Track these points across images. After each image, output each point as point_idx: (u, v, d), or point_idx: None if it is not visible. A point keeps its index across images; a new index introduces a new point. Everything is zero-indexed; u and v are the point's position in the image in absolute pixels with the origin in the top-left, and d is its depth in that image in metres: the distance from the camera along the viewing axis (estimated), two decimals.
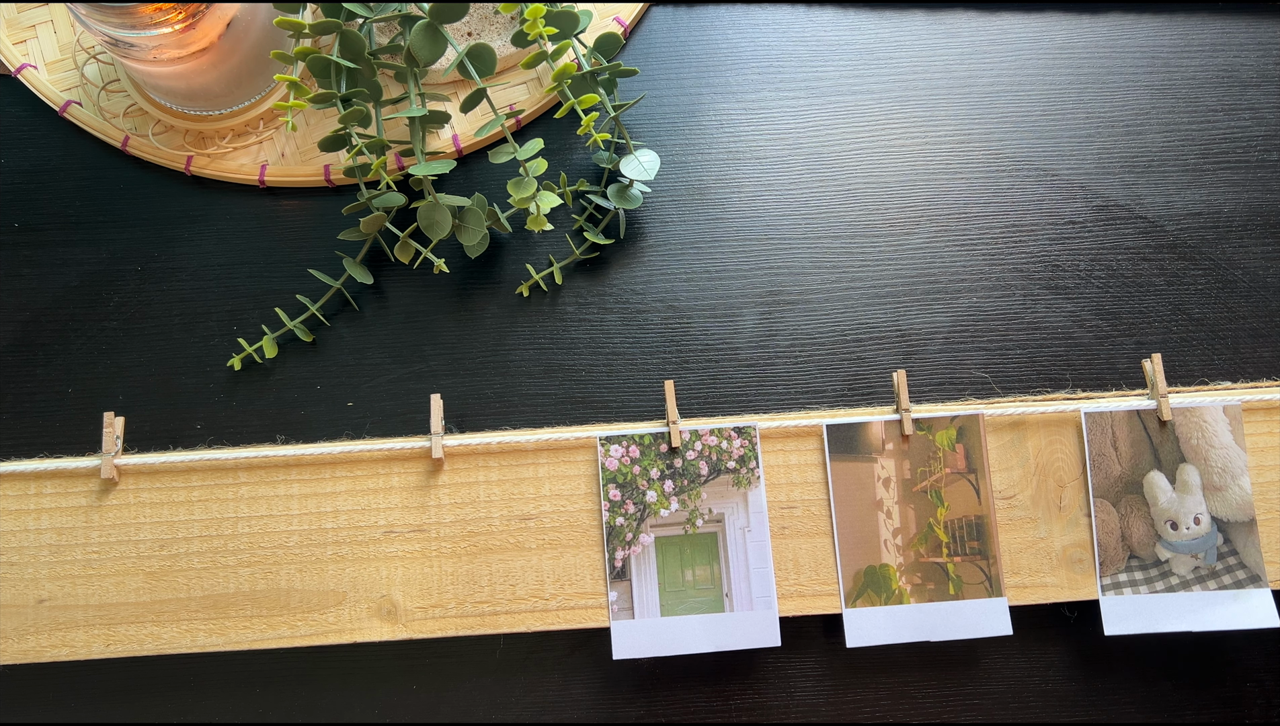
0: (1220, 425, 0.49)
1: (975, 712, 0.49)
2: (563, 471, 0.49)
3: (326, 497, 0.49)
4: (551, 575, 0.48)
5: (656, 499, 0.48)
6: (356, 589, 0.48)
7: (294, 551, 0.48)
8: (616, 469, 0.48)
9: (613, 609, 0.47)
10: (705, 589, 0.47)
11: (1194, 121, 0.57)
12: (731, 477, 0.48)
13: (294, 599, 0.48)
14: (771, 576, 0.48)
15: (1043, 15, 0.59)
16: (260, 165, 0.55)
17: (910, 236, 0.55)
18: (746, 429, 0.49)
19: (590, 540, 0.48)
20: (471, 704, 0.50)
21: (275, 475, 0.49)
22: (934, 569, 0.48)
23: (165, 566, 0.48)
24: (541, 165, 0.50)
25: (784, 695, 0.50)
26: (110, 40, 0.48)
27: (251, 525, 0.48)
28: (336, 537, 0.48)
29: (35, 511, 0.48)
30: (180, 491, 0.49)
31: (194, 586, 0.48)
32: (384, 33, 0.54)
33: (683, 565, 0.48)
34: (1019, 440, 0.49)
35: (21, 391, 0.53)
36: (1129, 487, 0.49)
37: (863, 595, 0.47)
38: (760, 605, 0.47)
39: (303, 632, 0.47)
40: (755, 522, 0.48)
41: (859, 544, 0.48)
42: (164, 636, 0.47)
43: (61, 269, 0.54)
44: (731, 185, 0.56)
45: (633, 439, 0.49)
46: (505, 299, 0.54)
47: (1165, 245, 0.55)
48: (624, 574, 0.48)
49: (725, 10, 0.59)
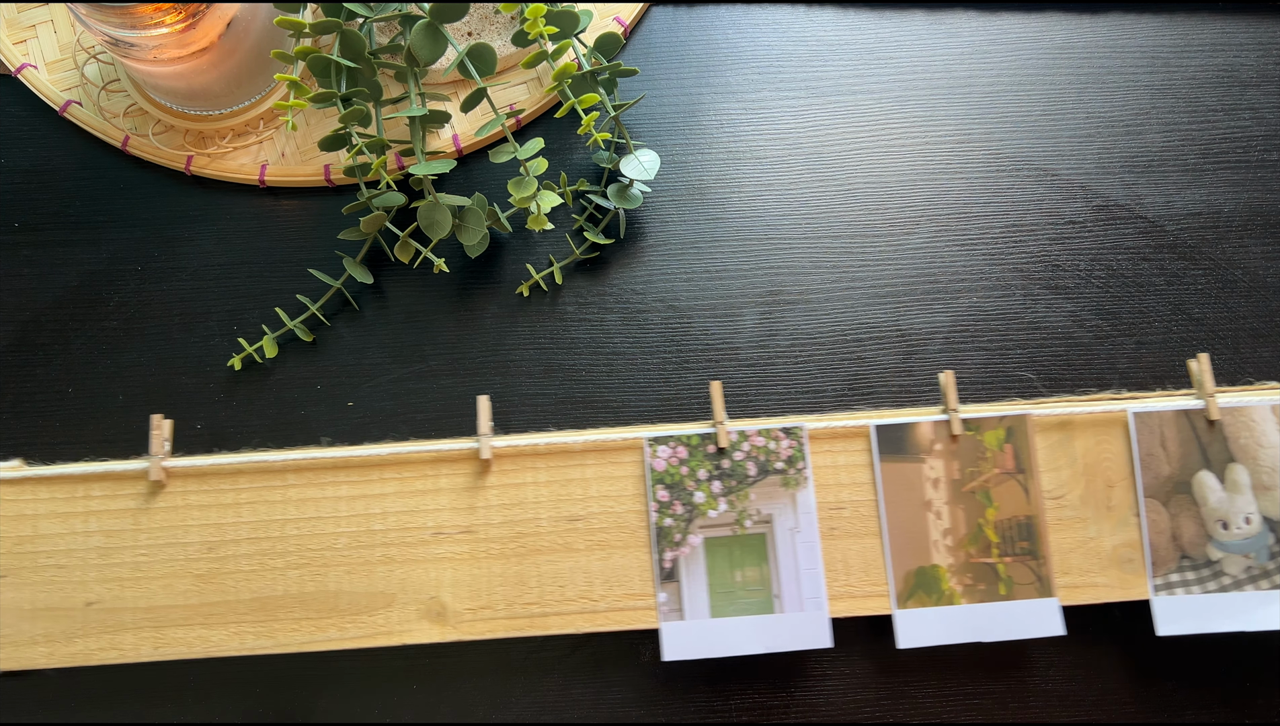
0: (1269, 424, 0.49)
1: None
2: (610, 472, 0.49)
3: (375, 499, 0.48)
4: (600, 576, 0.48)
5: (705, 499, 0.48)
6: (405, 590, 0.47)
7: (343, 553, 0.48)
8: (664, 469, 0.48)
9: (662, 610, 0.47)
10: (755, 590, 0.47)
11: (1194, 121, 0.57)
12: (780, 478, 0.48)
13: (343, 601, 0.47)
14: (821, 577, 0.47)
15: (1043, 15, 0.59)
16: (260, 165, 0.55)
17: (910, 236, 0.55)
18: (794, 430, 0.48)
19: (638, 541, 0.48)
20: (471, 704, 0.50)
21: (324, 477, 0.49)
22: (984, 569, 0.48)
23: (213, 569, 0.48)
24: (542, 165, 0.50)
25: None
26: (110, 40, 0.48)
27: (300, 527, 0.48)
28: (385, 539, 0.48)
29: (83, 514, 0.48)
30: (228, 493, 0.48)
31: (242, 589, 0.47)
32: (384, 32, 0.54)
33: (732, 566, 0.47)
34: (1066, 440, 0.49)
35: (21, 391, 0.53)
36: (1178, 487, 0.48)
37: (913, 596, 0.47)
38: (810, 606, 0.47)
39: (351, 635, 0.47)
40: (804, 523, 0.48)
41: (909, 544, 0.48)
42: (213, 639, 0.47)
43: (61, 269, 0.54)
44: (731, 185, 0.56)
45: (680, 440, 0.48)
46: (505, 299, 0.54)
47: (1165, 245, 0.55)
48: (673, 575, 0.47)
49: (725, 10, 0.59)
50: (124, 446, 0.52)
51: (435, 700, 0.50)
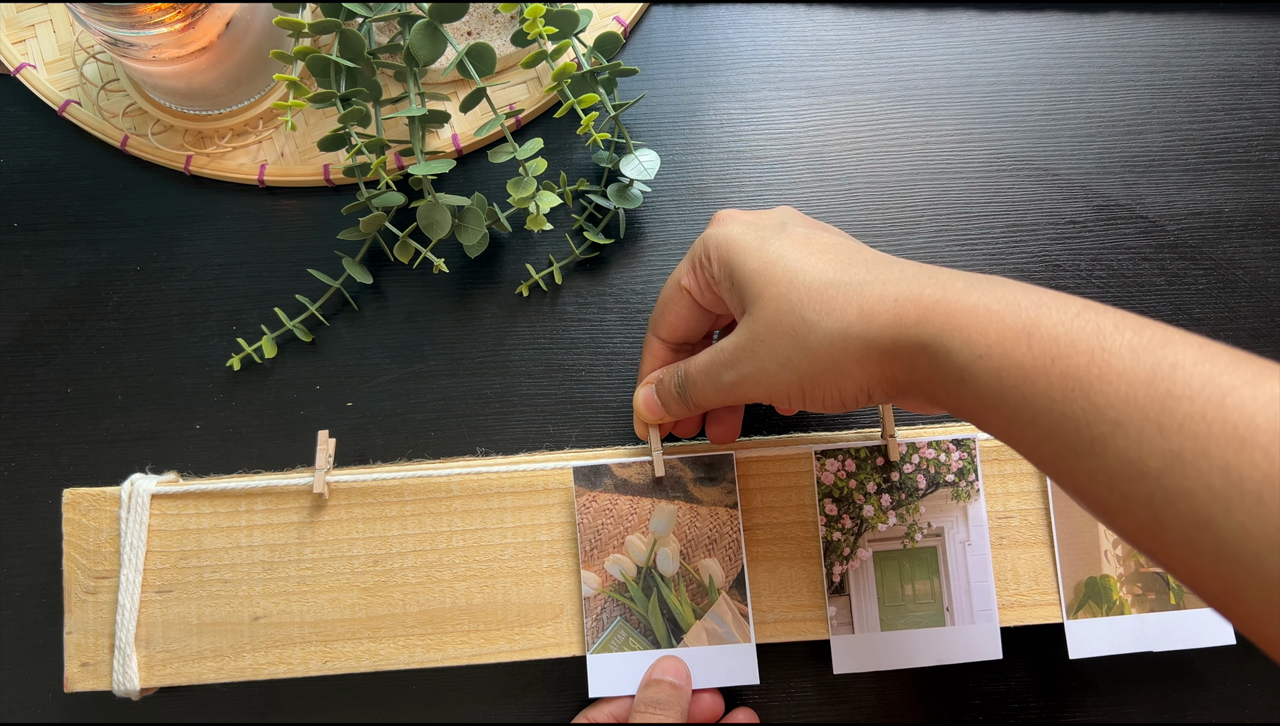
0: None
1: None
2: (775, 483, 0.48)
3: (540, 509, 0.48)
4: (768, 588, 0.47)
5: (874, 513, 0.48)
6: (574, 601, 0.47)
7: (510, 564, 0.47)
8: (832, 483, 0.48)
9: (832, 624, 0.47)
10: (926, 603, 0.47)
11: (1194, 121, 0.57)
12: (950, 490, 0.48)
13: (511, 613, 0.47)
14: (992, 589, 0.47)
15: (1043, 15, 0.58)
16: (260, 165, 0.55)
17: (910, 236, 0.55)
18: (966, 442, 0.48)
19: (806, 554, 0.48)
20: (471, 703, 0.50)
21: (488, 488, 0.48)
22: (1154, 579, 0.47)
23: (380, 582, 0.47)
24: (541, 165, 0.50)
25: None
26: (110, 40, 0.48)
27: (466, 539, 0.48)
28: (551, 549, 0.48)
29: (247, 528, 0.48)
30: (393, 506, 0.48)
31: (409, 601, 0.47)
32: (384, 32, 0.54)
33: (902, 580, 0.47)
34: None
35: (21, 391, 0.53)
36: None
37: (1084, 606, 0.47)
38: (981, 618, 0.47)
39: (521, 646, 0.47)
40: (975, 536, 0.47)
41: (1079, 555, 0.48)
42: (381, 653, 0.47)
43: (61, 269, 0.54)
44: (731, 185, 0.56)
45: (849, 453, 0.48)
46: (505, 299, 0.54)
47: (1166, 245, 0.55)
48: (842, 589, 0.47)
49: (725, 10, 0.59)
50: (124, 446, 0.52)
51: (435, 700, 0.50)
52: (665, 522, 0.47)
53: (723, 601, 0.47)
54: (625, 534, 0.47)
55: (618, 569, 0.47)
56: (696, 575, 0.47)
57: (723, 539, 0.47)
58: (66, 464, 0.52)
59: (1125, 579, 0.47)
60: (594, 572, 0.47)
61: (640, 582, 0.47)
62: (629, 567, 0.47)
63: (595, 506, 0.47)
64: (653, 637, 0.46)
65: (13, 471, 0.52)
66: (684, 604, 0.47)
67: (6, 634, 0.50)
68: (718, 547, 0.47)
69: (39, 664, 0.50)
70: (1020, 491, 0.48)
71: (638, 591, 0.47)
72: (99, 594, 0.47)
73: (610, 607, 0.47)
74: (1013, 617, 0.47)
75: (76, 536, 0.48)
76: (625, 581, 0.47)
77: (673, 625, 0.46)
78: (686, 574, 0.47)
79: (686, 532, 0.47)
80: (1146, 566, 0.47)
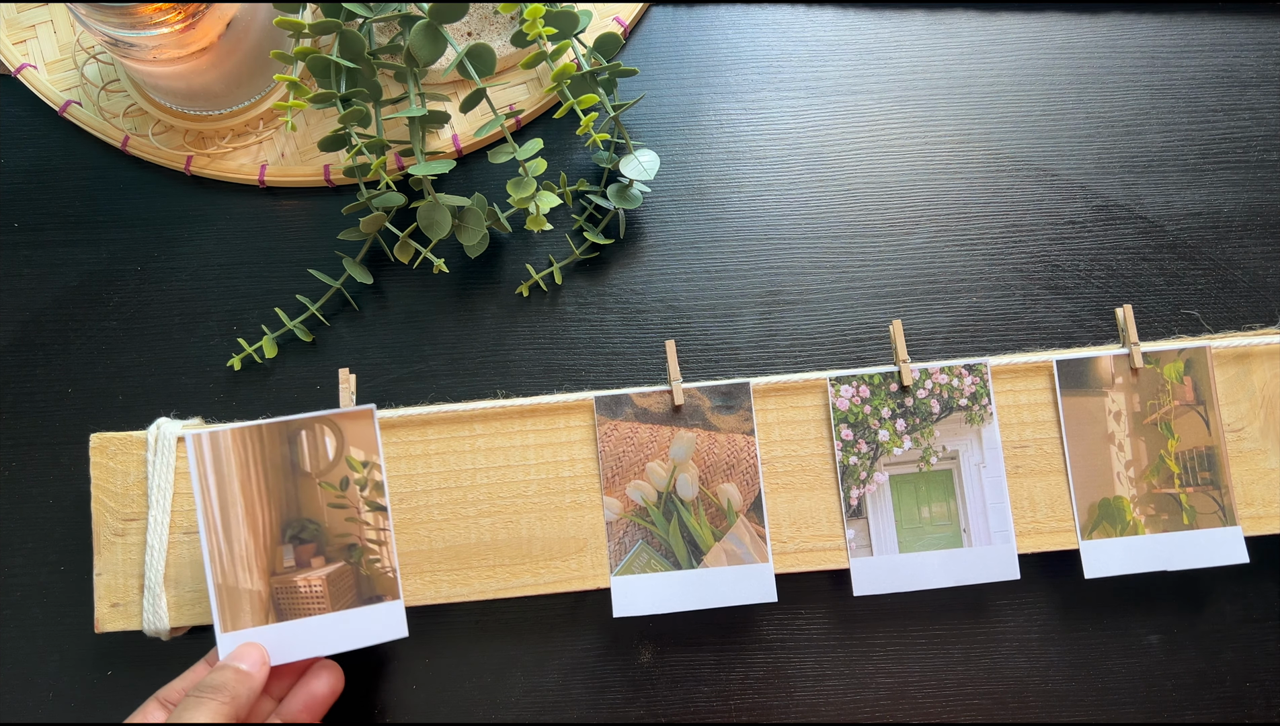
0: None
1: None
2: (791, 416, 0.49)
3: (563, 446, 0.49)
4: (788, 518, 0.48)
5: (889, 437, 0.49)
6: (596, 535, 0.48)
7: (533, 500, 0.48)
8: (847, 409, 0.49)
9: (850, 546, 0.48)
10: (943, 525, 0.48)
11: (1194, 121, 0.57)
12: (964, 414, 0.49)
13: (535, 547, 0.48)
14: (1008, 511, 0.48)
15: (1043, 15, 0.59)
16: (260, 165, 0.55)
17: (910, 236, 0.55)
18: (977, 366, 0.49)
19: (823, 483, 0.48)
20: (472, 704, 0.50)
21: (511, 425, 0.49)
22: (1167, 500, 0.48)
23: (407, 519, 0.48)
24: (541, 165, 0.50)
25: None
26: (110, 40, 0.48)
27: (490, 475, 0.49)
28: (574, 485, 0.48)
29: None
30: (418, 444, 0.49)
31: (436, 538, 0.48)
32: (384, 33, 0.54)
33: (918, 502, 0.48)
34: (1244, 374, 0.50)
35: (21, 391, 0.53)
36: None
37: (1098, 527, 0.48)
38: (999, 539, 0.48)
39: (545, 580, 0.48)
40: (990, 458, 0.49)
41: (1092, 477, 0.48)
42: (409, 589, 0.47)
43: (61, 269, 0.54)
44: (731, 185, 0.56)
45: (863, 379, 0.49)
46: (505, 299, 0.54)
47: (1165, 245, 0.55)
48: (860, 512, 0.48)
49: (725, 10, 0.59)
50: None
51: (435, 700, 0.50)
52: (684, 449, 0.48)
53: (741, 523, 0.48)
54: (646, 460, 0.48)
55: (639, 494, 0.48)
56: (715, 499, 0.48)
57: (740, 464, 0.48)
58: (67, 464, 0.52)
59: (1138, 500, 0.48)
60: (616, 498, 0.48)
61: (661, 507, 0.48)
62: (650, 493, 0.48)
63: (616, 434, 0.48)
64: (674, 559, 0.47)
65: (13, 471, 0.52)
66: (703, 526, 0.48)
67: (7, 634, 0.50)
68: (735, 472, 0.48)
69: (39, 664, 0.50)
70: (1035, 421, 0.49)
71: (659, 515, 0.48)
72: (127, 535, 0.48)
73: (632, 532, 0.48)
74: (1030, 544, 0.48)
75: (104, 480, 0.48)
76: (646, 506, 0.48)
77: (693, 547, 0.47)
78: (705, 498, 0.48)
79: (705, 458, 0.48)
80: (1159, 488, 0.48)
